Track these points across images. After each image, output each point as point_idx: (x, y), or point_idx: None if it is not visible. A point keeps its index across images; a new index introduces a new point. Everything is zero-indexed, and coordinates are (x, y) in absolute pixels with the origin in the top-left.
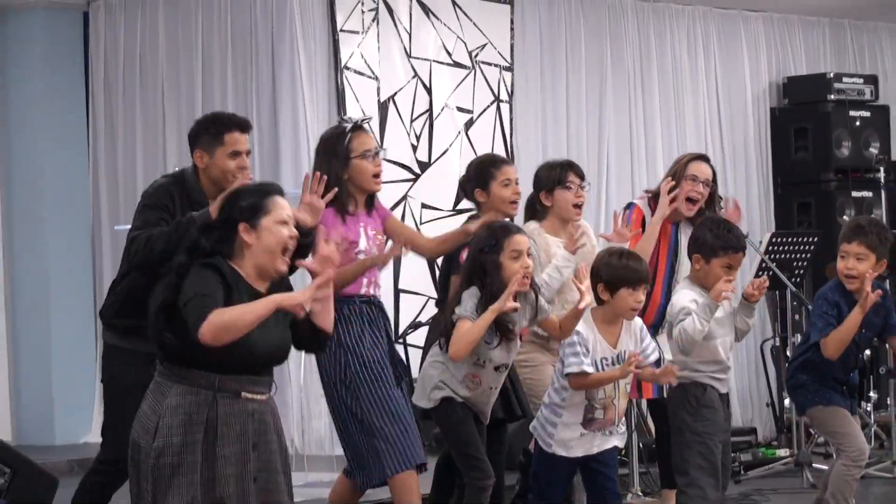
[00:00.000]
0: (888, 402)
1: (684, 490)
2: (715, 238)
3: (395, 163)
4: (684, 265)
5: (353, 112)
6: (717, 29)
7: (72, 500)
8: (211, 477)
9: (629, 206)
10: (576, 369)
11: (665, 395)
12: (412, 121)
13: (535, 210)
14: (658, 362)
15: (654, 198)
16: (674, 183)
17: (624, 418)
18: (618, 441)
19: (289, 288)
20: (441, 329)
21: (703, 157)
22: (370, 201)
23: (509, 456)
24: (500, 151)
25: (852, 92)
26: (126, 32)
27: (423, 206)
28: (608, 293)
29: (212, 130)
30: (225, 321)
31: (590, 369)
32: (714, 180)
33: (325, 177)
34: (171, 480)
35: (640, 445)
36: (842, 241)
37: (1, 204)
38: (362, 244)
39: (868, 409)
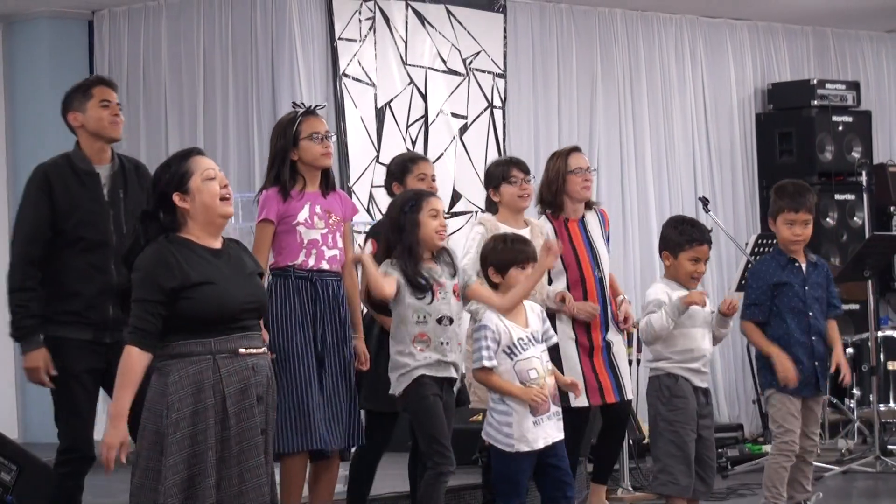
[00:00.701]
0: (871, 398)
1: (657, 476)
2: (679, 234)
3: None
4: (602, 252)
5: (351, 118)
6: (704, 37)
7: (52, 496)
8: (226, 436)
9: None
10: (485, 364)
11: (625, 398)
12: (408, 126)
13: (490, 204)
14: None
15: (549, 208)
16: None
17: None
18: (560, 434)
19: (246, 251)
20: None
21: (577, 149)
22: (325, 182)
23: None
24: (493, 156)
25: (835, 98)
26: (129, 41)
27: None
28: (499, 276)
29: (80, 90)
30: (126, 366)
31: (491, 364)
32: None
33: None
34: (191, 449)
35: (631, 442)
36: (786, 209)
37: (8, 206)
38: (301, 217)
39: (851, 405)
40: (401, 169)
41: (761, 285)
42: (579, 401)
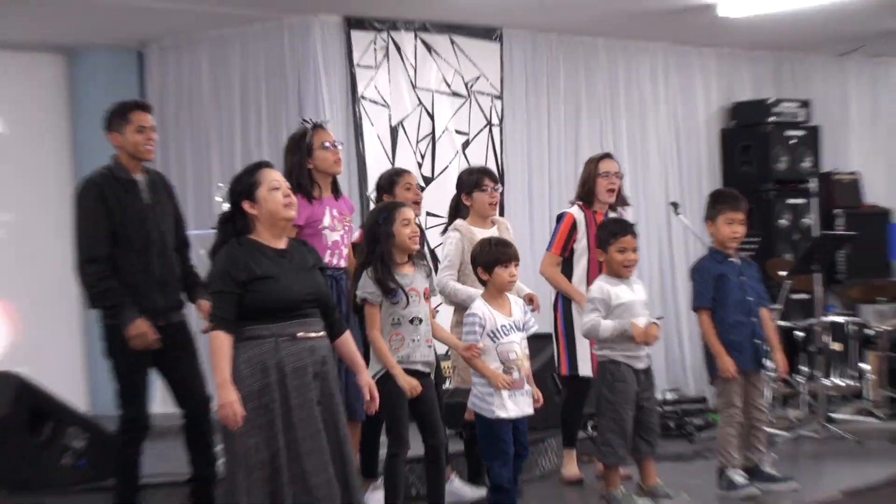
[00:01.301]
0: (817, 374)
1: (600, 448)
2: (605, 232)
3: None
4: None
5: (368, 136)
6: (675, 62)
7: (116, 461)
8: (287, 408)
9: (560, 215)
10: (469, 342)
11: (579, 373)
12: (418, 142)
13: (460, 209)
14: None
15: (582, 200)
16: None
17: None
18: (531, 409)
19: (311, 250)
20: (352, 306)
21: (609, 155)
22: (335, 188)
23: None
24: (492, 168)
25: (788, 115)
26: (176, 70)
27: (428, 213)
28: (487, 273)
29: (119, 113)
30: (212, 347)
31: (480, 344)
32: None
33: None
34: (256, 422)
35: None
36: (728, 209)
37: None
38: (325, 221)
39: (801, 380)
40: (389, 182)
41: (705, 277)
42: (584, 371)
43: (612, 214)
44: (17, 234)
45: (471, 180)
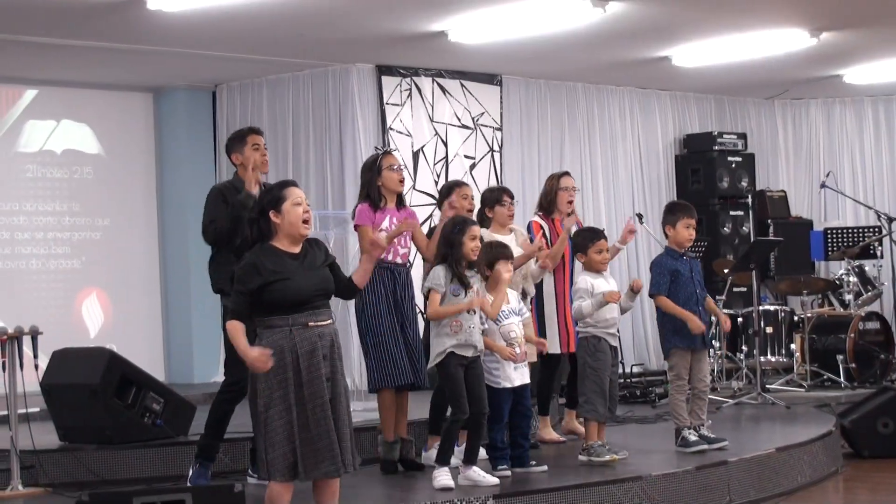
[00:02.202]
0: (754, 352)
1: (582, 405)
2: (582, 238)
3: (424, 193)
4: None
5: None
6: (639, 102)
7: (209, 414)
8: (300, 383)
9: (530, 224)
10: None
11: (560, 350)
12: (434, 164)
13: (483, 219)
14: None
15: (543, 211)
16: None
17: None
18: (528, 379)
19: (321, 248)
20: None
21: (567, 173)
22: (400, 202)
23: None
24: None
25: (729, 144)
26: (241, 106)
27: None
28: (489, 269)
29: (238, 137)
30: (229, 330)
31: (486, 327)
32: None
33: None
34: (274, 394)
35: None
36: (685, 216)
37: (158, 227)
38: (384, 224)
39: (741, 357)
40: (448, 190)
41: (663, 271)
42: (553, 349)
43: (567, 220)
44: (111, 236)
45: (493, 196)
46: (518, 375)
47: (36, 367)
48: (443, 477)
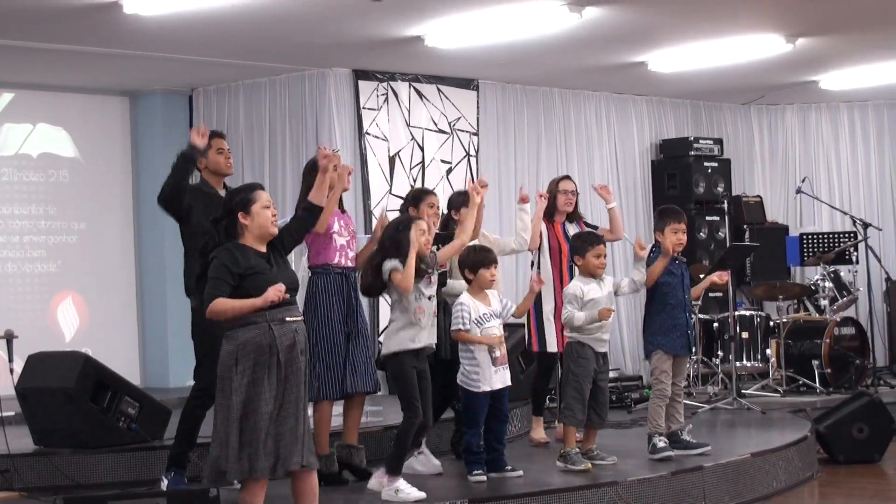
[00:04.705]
0: (730, 357)
1: (562, 411)
2: (581, 241)
3: (400, 198)
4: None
5: (371, 164)
6: (615, 107)
7: (180, 422)
8: (282, 377)
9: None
10: (460, 327)
11: (558, 350)
12: (411, 169)
13: (449, 223)
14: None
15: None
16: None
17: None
18: (507, 381)
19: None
20: (374, 287)
21: (568, 177)
22: (340, 204)
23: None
24: None
25: (705, 149)
26: (218, 110)
27: None
28: (472, 273)
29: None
30: (217, 310)
31: (465, 328)
32: (576, 191)
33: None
34: (253, 388)
35: None
36: (673, 221)
37: (134, 231)
38: (335, 227)
39: (717, 362)
40: (415, 199)
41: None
42: (550, 348)
43: (570, 225)
44: (86, 240)
45: (458, 200)
46: (498, 378)
47: (11, 371)
48: (408, 489)
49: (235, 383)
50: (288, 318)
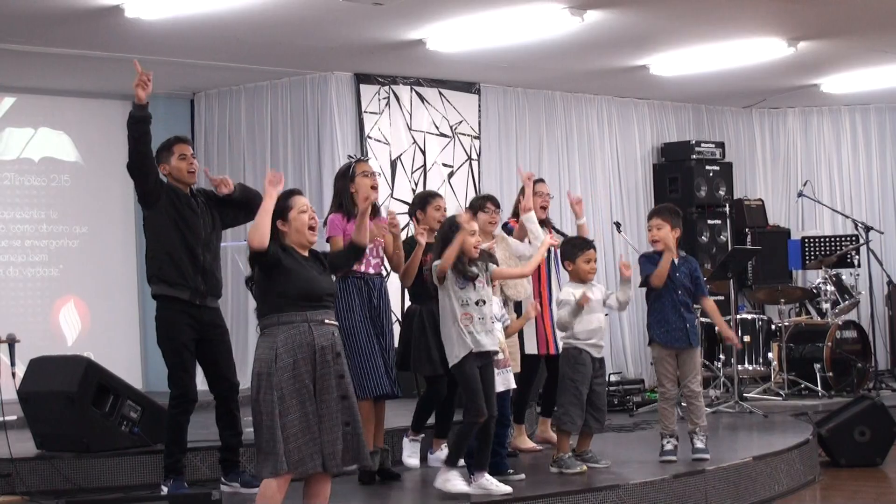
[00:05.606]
0: (732, 361)
1: (559, 416)
2: (571, 246)
3: (401, 201)
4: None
5: (373, 167)
6: (617, 111)
7: (166, 432)
8: (315, 377)
9: (509, 227)
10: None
11: (538, 351)
12: (412, 173)
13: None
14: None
15: (516, 216)
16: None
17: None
18: (510, 384)
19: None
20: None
21: (542, 180)
22: (374, 211)
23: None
24: (472, 195)
25: (707, 153)
26: (219, 114)
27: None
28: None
29: (165, 147)
30: (253, 224)
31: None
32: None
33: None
34: (293, 387)
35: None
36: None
37: (136, 235)
38: None
39: (718, 365)
40: (422, 201)
41: (649, 262)
42: (529, 349)
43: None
44: (88, 244)
45: (476, 204)
46: (501, 381)
47: (13, 374)
48: (456, 481)
49: (276, 378)
50: (327, 321)
